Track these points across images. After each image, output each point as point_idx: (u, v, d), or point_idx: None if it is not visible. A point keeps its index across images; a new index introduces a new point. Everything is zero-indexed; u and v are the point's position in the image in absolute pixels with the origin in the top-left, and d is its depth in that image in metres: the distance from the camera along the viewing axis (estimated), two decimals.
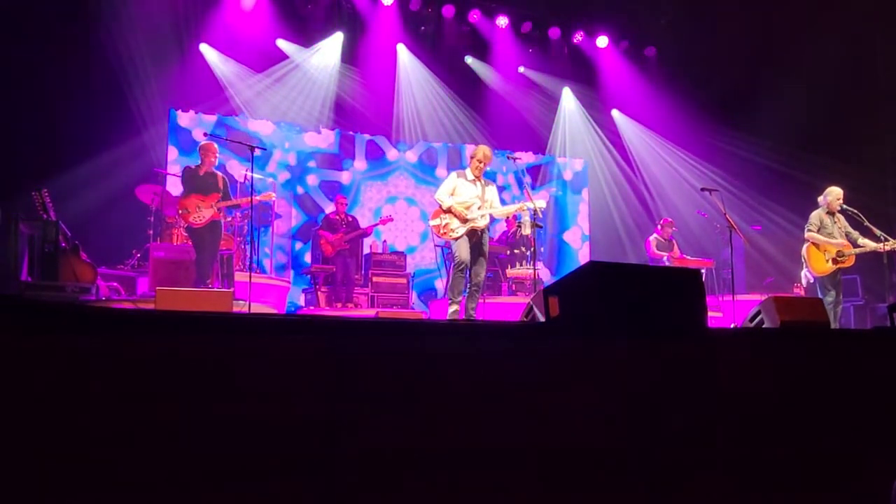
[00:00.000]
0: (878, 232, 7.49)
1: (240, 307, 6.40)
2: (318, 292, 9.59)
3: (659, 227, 10.35)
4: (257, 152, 7.10)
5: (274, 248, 10.40)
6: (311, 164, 11.30)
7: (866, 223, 7.53)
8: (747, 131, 11.54)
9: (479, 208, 6.84)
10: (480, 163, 6.95)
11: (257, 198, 7.82)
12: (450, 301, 6.82)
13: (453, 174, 7.09)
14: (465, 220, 6.76)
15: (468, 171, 7.01)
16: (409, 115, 11.69)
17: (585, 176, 13.20)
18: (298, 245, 11.04)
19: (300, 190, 11.10)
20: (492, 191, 7.07)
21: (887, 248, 7.43)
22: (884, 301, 9.86)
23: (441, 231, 6.85)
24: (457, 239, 6.76)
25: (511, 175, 12.37)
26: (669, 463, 2.43)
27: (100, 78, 8.98)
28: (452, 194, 6.90)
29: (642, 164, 12.88)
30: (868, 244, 7.52)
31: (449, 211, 6.81)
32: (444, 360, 2.28)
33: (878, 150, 10.49)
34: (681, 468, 2.44)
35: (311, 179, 11.23)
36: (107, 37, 9.08)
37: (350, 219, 10.04)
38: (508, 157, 8.12)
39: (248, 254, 8.29)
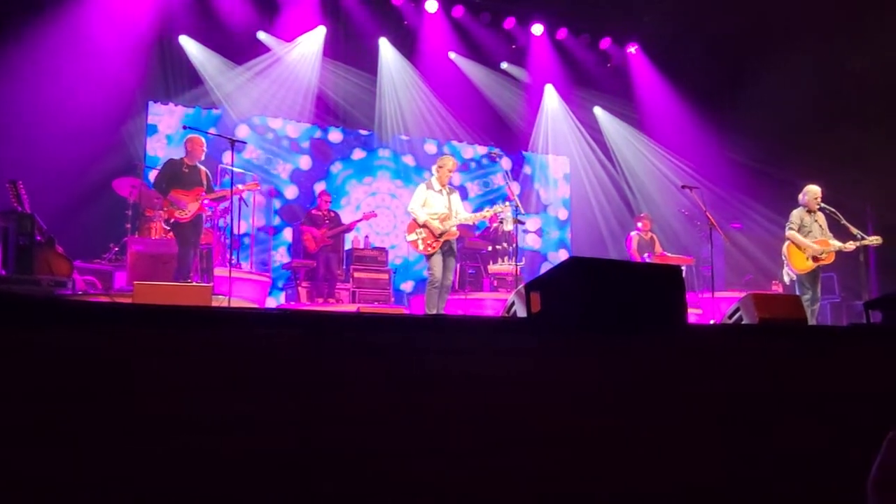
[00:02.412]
0: (854, 230, 7.58)
1: (219, 302, 6.35)
2: (299, 287, 9.56)
3: (639, 224, 10.39)
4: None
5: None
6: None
7: (843, 221, 7.62)
8: (728, 130, 11.65)
9: (448, 219, 7.12)
10: (449, 172, 7.25)
11: (243, 187, 7.74)
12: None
13: (422, 186, 7.36)
14: (440, 234, 7.03)
15: (434, 182, 7.29)
16: (391, 110, 11.66)
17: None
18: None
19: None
20: (456, 198, 7.39)
21: (864, 244, 7.53)
22: (860, 299, 10.00)
23: (420, 247, 7.11)
24: (432, 255, 7.05)
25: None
26: (649, 458, 2.44)
27: (77, 69, 8.86)
28: (424, 206, 7.16)
29: (624, 161, 12.95)
30: (835, 244, 7.60)
31: (424, 225, 7.08)
32: (425, 355, 2.27)
33: (857, 149, 10.61)
34: (660, 463, 2.45)
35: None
36: (86, 27, 8.96)
37: (333, 215, 10.03)
38: (493, 154, 8.28)
39: (227, 248, 8.23)
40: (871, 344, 3.24)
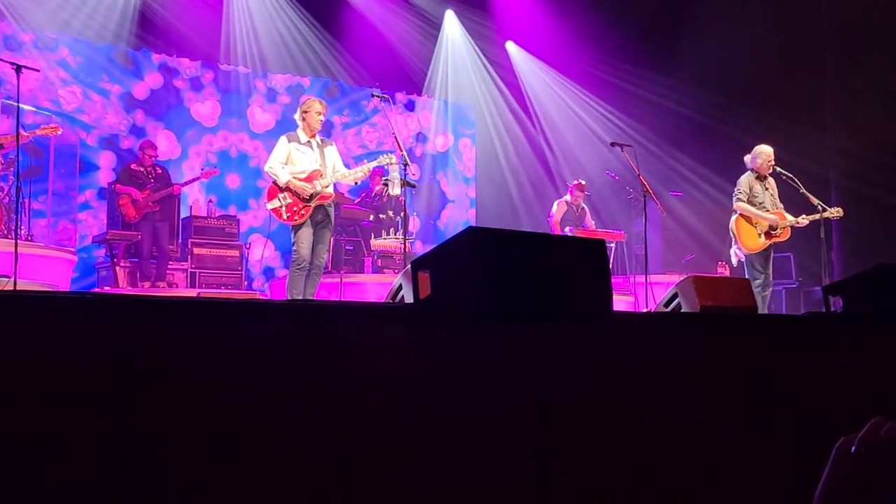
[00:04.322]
0: (814, 200, 7.96)
1: (1, 285, 6.11)
2: (118, 267, 9.24)
3: (570, 192, 10.57)
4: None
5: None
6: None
7: (802, 189, 7.98)
8: (668, 76, 11.94)
9: (321, 177, 7.15)
10: (318, 117, 7.26)
11: (34, 132, 7.43)
12: None
13: (283, 139, 7.38)
14: (308, 197, 7.06)
15: (300, 133, 7.34)
16: (242, 37, 11.38)
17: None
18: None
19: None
20: (332, 152, 7.46)
21: (824, 217, 7.92)
22: (820, 283, 10.53)
23: (284, 216, 7.13)
24: (300, 226, 7.08)
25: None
26: (559, 479, 2.49)
27: None
28: (287, 164, 7.17)
29: (541, 110, 13.14)
30: (789, 218, 7.94)
31: (287, 188, 7.06)
32: (280, 351, 2.23)
33: (819, 103, 11.10)
34: (576, 481, 2.51)
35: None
36: None
37: (160, 171, 9.66)
38: (374, 96, 8.33)
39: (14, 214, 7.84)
40: (831, 335, 3.42)
